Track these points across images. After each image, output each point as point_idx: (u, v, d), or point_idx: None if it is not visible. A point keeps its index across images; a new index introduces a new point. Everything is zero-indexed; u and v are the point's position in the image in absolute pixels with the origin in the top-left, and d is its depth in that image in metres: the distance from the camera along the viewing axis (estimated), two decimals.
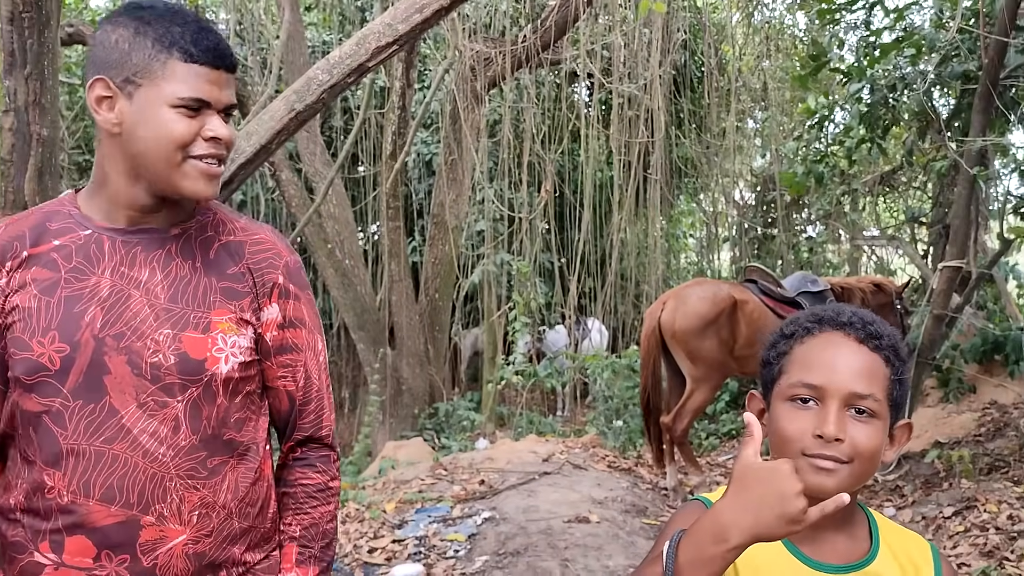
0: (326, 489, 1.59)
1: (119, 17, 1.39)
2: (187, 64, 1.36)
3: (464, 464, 5.87)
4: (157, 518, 1.38)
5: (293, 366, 1.54)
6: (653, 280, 10.08)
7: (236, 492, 1.46)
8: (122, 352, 1.38)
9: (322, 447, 1.60)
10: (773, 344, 1.28)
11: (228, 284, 1.46)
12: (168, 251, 1.44)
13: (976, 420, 6.13)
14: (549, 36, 8.00)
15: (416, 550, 4.40)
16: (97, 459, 1.36)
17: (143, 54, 1.35)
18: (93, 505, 1.36)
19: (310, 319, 1.56)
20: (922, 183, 9.32)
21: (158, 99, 1.35)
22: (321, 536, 1.57)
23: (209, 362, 1.41)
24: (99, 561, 1.37)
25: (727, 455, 6.97)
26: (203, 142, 1.38)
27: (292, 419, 1.56)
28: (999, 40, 4.95)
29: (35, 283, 1.39)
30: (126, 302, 1.40)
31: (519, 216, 9.25)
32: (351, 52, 2.84)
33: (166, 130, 1.36)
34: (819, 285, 5.94)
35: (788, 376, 1.22)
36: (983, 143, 5.22)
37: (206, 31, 1.38)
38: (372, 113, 9.44)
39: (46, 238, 1.42)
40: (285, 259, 1.53)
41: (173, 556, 1.40)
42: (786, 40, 11.15)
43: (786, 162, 9.67)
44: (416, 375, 8.68)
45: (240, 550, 1.48)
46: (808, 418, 1.17)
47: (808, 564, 1.22)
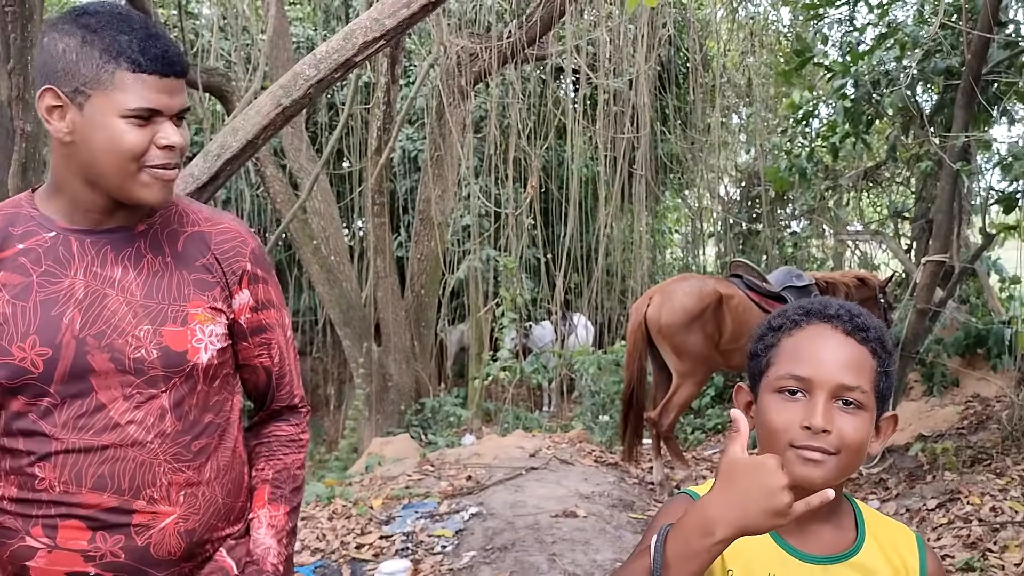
0: (297, 439, 1.69)
1: (65, 25, 1.36)
2: (136, 74, 1.34)
3: (451, 460, 5.87)
4: (148, 501, 1.43)
5: (268, 344, 1.62)
6: (639, 275, 10.10)
7: (218, 470, 1.53)
8: (104, 350, 1.40)
9: (297, 406, 1.71)
10: (761, 336, 1.29)
11: (199, 276, 1.50)
12: (137, 248, 1.46)
13: (959, 413, 6.19)
14: (534, 32, 8.00)
15: (403, 546, 4.40)
16: (87, 452, 1.40)
17: (91, 64, 1.33)
18: (86, 494, 1.39)
19: (277, 298, 1.64)
20: (905, 178, 9.38)
21: (108, 110, 1.34)
22: (291, 479, 1.66)
23: (190, 353, 1.46)
24: (94, 543, 1.40)
25: (713, 449, 7.00)
26: (157, 150, 1.38)
27: (270, 391, 1.66)
28: (981, 36, 4.99)
29: (6, 288, 1.39)
30: (103, 301, 1.42)
31: (505, 212, 9.25)
32: (338, 47, 2.83)
33: (118, 141, 1.35)
34: (804, 280, 5.98)
35: (776, 368, 1.23)
36: (966, 138, 5.26)
37: (154, 38, 1.36)
38: (357, 109, 9.41)
39: (10, 242, 1.42)
40: (251, 246, 1.58)
41: (166, 534, 1.44)
42: (770, 36, 11.19)
43: (771, 158, 9.72)
44: (402, 371, 8.67)
45: (223, 525, 1.55)
46: (796, 410, 1.18)
47: (795, 555, 1.24)
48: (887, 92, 5.77)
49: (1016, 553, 3.85)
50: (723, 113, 11.04)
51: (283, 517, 1.63)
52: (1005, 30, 5.59)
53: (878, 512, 1.34)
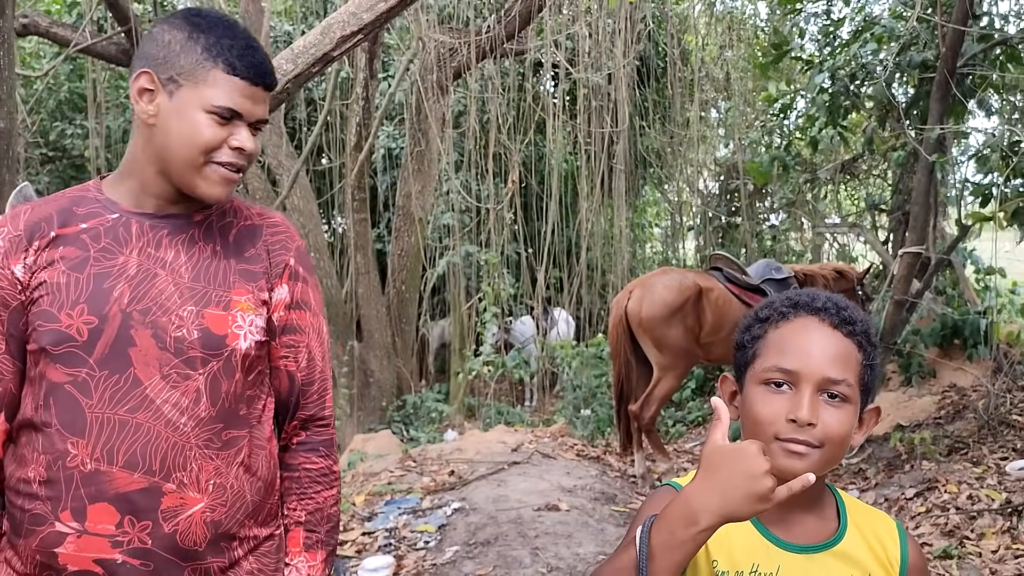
0: (329, 473, 1.64)
1: (177, 20, 1.48)
2: (229, 75, 1.44)
3: (433, 455, 5.86)
4: (178, 485, 1.44)
5: (296, 347, 1.60)
6: (619, 270, 10.13)
7: (248, 465, 1.53)
8: (148, 326, 1.45)
9: (325, 428, 1.65)
10: (747, 327, 1.29)
11: (246, 266, 1.54)
12: (191, 235, 1.52)
13: (936, 403, 6.25)
14: (513, 26, 7.99)
15: (386, 542, 4.39)
16: (121, 428, 1.42)
17: (191, 58, 1.44)
18: (116, 472, 1.41)
19: (315, 303, 1.63)
20: (882, 171, 9.46)
21: (195, 102, 1.44)
22: (326, 520, 1.63)
23: (229, 338, 1.49)
24: (122, 527, 1.42)
25: (694, 442, 7.03)
26: (228, 150, 1.47)
27: (294, 399, 1.62)
28: (956, 29, 5.04)
29: (64, 260, 1.46)
30: (152, 280, 1.47)
31: (485, 207, 9.24)
32: (316, 41, 2.81)
33: (196, 132, 1.44)
34: (783, 272, 6.01)
35: (763, 360, 1.23)
36: (941, 131, 5.31)
37: (254, 49, 1.47)
38: (336, 104, 9.36)
39: (74, 221, 1.49)
40: (297, 243, 1.62)
41: (192, 523, 1.45)
42: (748, 30, 11.24)
43: (749, 151, 9.77)
44: (384, 367, 8.65)
45: (251, 523, 1.54)
46: (782, 402, 1.19)
47: (779, 544, 1.25)
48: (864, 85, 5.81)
49: (993, 540, 3.90)
50: (702, 107, 11.08)
51: (320, 566, 1.61)
52: (979, 23, 5.65)
53: (859, 501, 1.35)
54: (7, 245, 1.47)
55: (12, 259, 1.46)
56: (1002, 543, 3.86)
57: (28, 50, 10.20)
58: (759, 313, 1.29)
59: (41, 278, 1.45)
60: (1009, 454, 4.90)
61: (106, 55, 6.49)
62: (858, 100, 5.98)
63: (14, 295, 1.46)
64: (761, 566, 1.23)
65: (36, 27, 6.65)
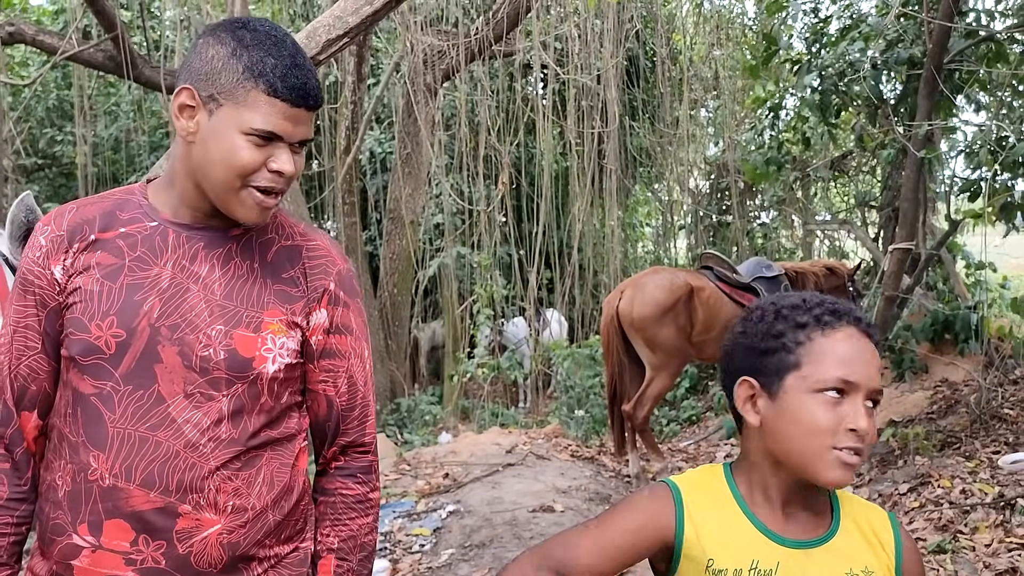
0: (365, 501, 1.59)
1: (222, 33, 1.41)
2: (269, 97, 1.37)
3: (427, 458, 5.86)
4: (194, 507, 1.41)
5: (335, 371, 1.55)
6: (611, 270, 10.14)
7: (272, 486, 1.49)
8: (175, 343, 1.42)
9: (364, 455, 1.61)
10: (779, 333, 1.28)
11: (282, 287, 1.49)
12: (228, 250, 1.48)
13: (928, 398, 6.27)
14: (501, 28, 7.99)
15: (381, 546, 4.38)
16: (141, 444, 1.40)
17: (232, 76, 1.37)
18: (133, 489, 1.40)
19: (357, 327, 1.58)
20: (872, 167, 9.49)
21: (234, 123, 1.38)
22: (359, 549, 1.58)
23: (257, 361, 1.45)
24: (136, 545, 1.40)
25: (688, 440, 7.04)
26: (267, 173, 1.41)
27: (334, 424, 1.57)
28: (942, 25, 5.06)
29: (99, 267, 1.44)
30: (184, 295, 1.44)
31: (476, 209, 9.24)
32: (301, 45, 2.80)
33: (233, 155, 1.39)
34: (773, 270, 6.02)
35: (815, 368, 1.23)
36: (929, 127, 5.33)
37: (298, 68, 1.39)
38: (325, 108, 9.35)
39: (115, 225, 1.47)
40: (338, 267, 1.56)
41: (208, 544, 1.43)
42: (736, 29, 11.27)
43: (740, 150, 9.79)
44: (377, 371, 8.64)
45: (272, 542, 1.51)
46: (839, 411, 1.21)
47: (777, 540, 1.27)
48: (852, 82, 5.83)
49: (986, 534, 3.91)
50: (691, 106, 11.10)
51: None
52: (965, 19, 5.67)
53: (851, 495, 1.38)
54: (48, 245, 1.46)
55: (53, 259, 1.45)
56: (995, 537, 3.87)
57: (16, 59, 10.16)
58: (795, 318, 1.28)
59: (77, 283, 1.43)
60: (1001, 448, 4.92)
61: (93, 62, 6.47)
62: (847, 98, 5.99)
63: (52, 296, 1.45)
64: (761, 563, 1.25)
65: (22, 35, 6.62)
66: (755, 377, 1.28)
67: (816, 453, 1.21)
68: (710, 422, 7.54)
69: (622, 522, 1.32)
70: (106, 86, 10.54)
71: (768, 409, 1.26)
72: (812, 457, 1.22)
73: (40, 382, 1.48)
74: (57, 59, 6.20)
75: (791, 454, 1.24)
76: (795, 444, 1.23)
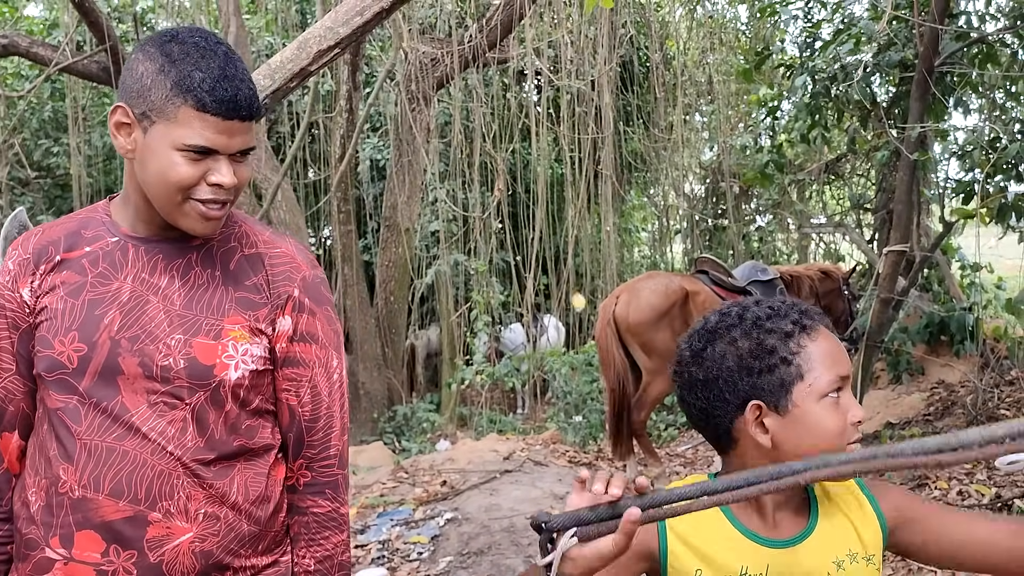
0: (337, 517, 1.57)
1: (150, 48, 1.40)
2: (199, 112, 1.36)
3: (425, 466, 5.86)
4: (164, 514, 1.42)
5: (298, 380, 1.53)
6: (607, 275, 10.15)
7: (246, 494, 1.48)
8: (135, 354, 1.43)
9: (328, 469, 1.57)
10: (772, 348, 1.25)
11: (244, 294, 1.49)
12: (188, 260, 1.49)
13: (925, 400, 6.28)
14: (495, 35, 8.01)
15: (379, 554, 4.38)
16: (108, 455, 1.41)
17: (161, 93, 1.36)
18: (102, 500, 1.41)
19: (324, 335, 1.55)
20: (865, 170, 9.51)
21: (167, 140, 1.37)
22: (338, 568, 1.58)
23: (218, 368, 1.45)
24: (107, 556, 1.41)
25: (686, 445, 7.04)
26: (206, 186, 1.40)
27: (296, 435, 1.55)
28: (933, 28, 5.07)
29: (63, 286, 1.46)
30: (144, 307, 1.45)
31: (472, 216, 9.25)
32: (292, 56, 2.81)
33: (170, 172, 1.38)
34: (768, 274, 6.03)
35: (817, 374, 1.24)
36: (922, 129, 5.34)
37: (227, 79, 1.37)
38: (319, 117, 9.36)
39: (80, 244, 1.49)
40: (303, 273, 1.54)
41: (180, 553, 1.43)
42: (729, 33, 11.30)
43: (735, 154, 9.81)
44: (374, 379, 8.64)
45: (248, 552, 1.50)
46: (841, 409, 1.24)
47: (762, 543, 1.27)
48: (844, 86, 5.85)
49: None
50: (685, 111, 11.13)
51: None
52: (956, 22, 5.69)
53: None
54: (16, 268, 1.48)
55: (21, 282, 1.47)
56: None
57: (9, 70, 10.16)
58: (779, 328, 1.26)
59: (44, 303, 1.45)
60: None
61: (87, 74, 6.48)
62: (840, 101, 6.01)
63: (23, 317, 1.48)
64: (750, 568, 1.25)
65: (16, 47, 6.63)
66: (759, 398, 1.25)
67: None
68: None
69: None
70: (100, 97, 10.54)
71: (778, 426, 1.24)
72: None
73: (17, 403, 1.49)
74: (51, 71, 6.20)
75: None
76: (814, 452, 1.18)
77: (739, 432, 1.27)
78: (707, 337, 1.30)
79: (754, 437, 1.25)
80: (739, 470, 1.27)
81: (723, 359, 1.27)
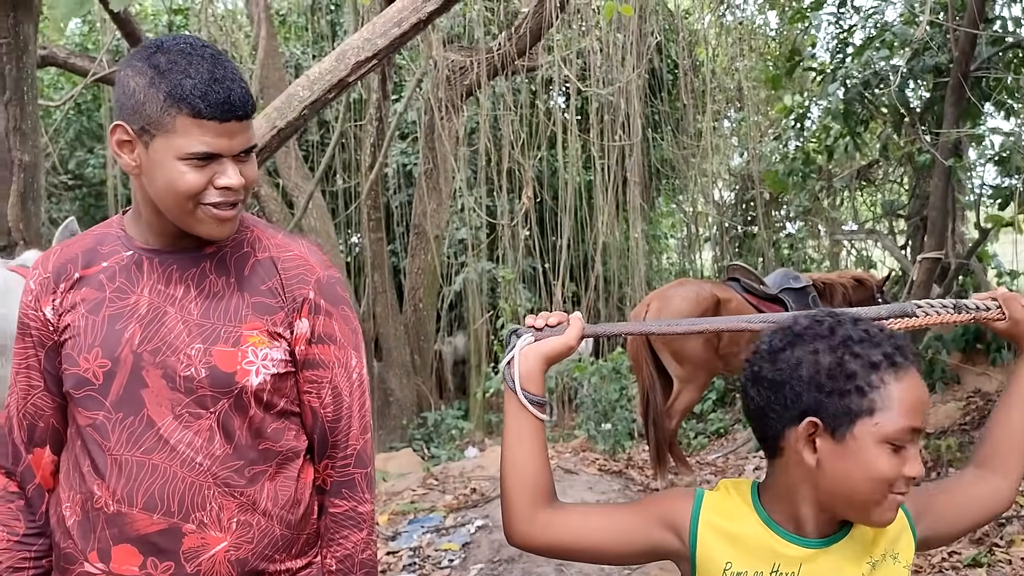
0: (355, 516, 1.56)
1: (138, 62, 1.40)
2: (196, 119, 1.36)
3: (455, 473, 5.86)
4: (198, 525, 1.43)
5: (319, 382, 1.53)
6: (635, 282, 10.12)
7: (276, 499, 1.49)
8: (158, 366, 1.44)
9: (347, 467, 1.57)
10: (852, 373, 1.20)
11: (260, 299, 1.49)
12: (202, 269, 1.49)
13: (961, 409, 6.19)
14: (524, 43, 8.03)
15: (410, 561, 4.39)
16: (139, 469, 1.42)
17: (155, 107, 1.36)
18: (137, 513, 1.42)
19: (342, 335, 1.55)
20: (899, 176, 9.41)
21: (169, 151, 1.37)
22: (359, 566, 1.56)
23: (239, 375, 1.45)
24: (145, 568, 1.42)
25: (716, 453, 7.00)
26: (214, 190, 1.40)
27: (320, 436, 1.55)
28: (968, 32, 5.03)
29: (84, 303, 1.47)
30: (162, 319, 1.45)
31: (500, 223, 9.27)
32: (331, 68, 2.84)
33: (177, 182, 1.38)
34: (801, 281, 5.98)
35: (889, 416, 1.18)
36: (958, 134, 5.29)
37: (218, 82, 1.37)
38: (349, 126, 9.44)
39: (97, 260, 1.50)
40: (317, 274, 1.53)
41: (216, 563, 1.44)
42: (759, 40, 11.25)
43: (764, 161, 9.75)
44: (403, 386, 8.67)
45: (282, 557, 1.51)
46: (900, 458, 1.19)
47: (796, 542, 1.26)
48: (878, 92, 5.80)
49: (1022, 547, 3.86)
50: (714, 117, 11.08)
51: None
52: (992, 26, 5.64)
53: None
54: (38, 288, 1.50)
55: (43, 301, 1.49)
56: None
57: (46, 81, 10.35)
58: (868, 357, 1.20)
59: (66, 320, 1.47)
60: None
61: None
62: (873, 107, 5.97)
63: (48, 335, 1.49)
64: (782, 565, 1.25)
65: (54, 58, 6.76)
66: (817, 416, 1.20)
67: (875, 499, 1.20)
68: (738, 435, 7.49)
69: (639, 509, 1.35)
70: None
71: (829, 451, 1.20)
72: (869, 503, 1.20)
73: (47, 419, 1.51)
74: (88, 81, 6.31)
75: (848, 497, 1.21)
76: (854, 489, 1.20)
77: (787, 442, 1.24)
78: (790, 339, 1.25)
79: (800, 452, 1.21)
80: (781, 482, 1.28)
81: (798, 366, 1.22)
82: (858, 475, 1.18)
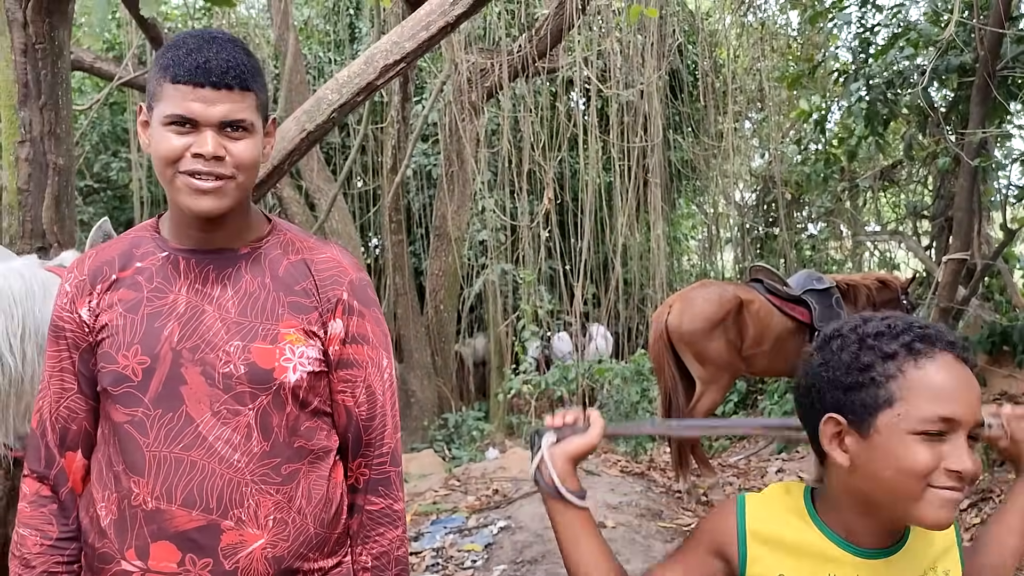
0: (390, 513, 1.59)
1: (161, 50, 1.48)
2: (173, 84, 1.40)
3: (476, 474, 5.88)
4: (236, 522, 1.45)
5: (353, 382, 1.56)
6: (656, 284, 10.09)
7: (310, 498, 1.51)
8: (197, 364, 1.46)
9: (383, 466, 1.59)
10: (866, 365, 1.17)
11: (296, 299, 1.51)
12: (238, 269, 1.52)
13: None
14: (544, 45, 8.04)
15: (433, 562, 4.40)
16: (177, 465, 1.44)
17: (154, 81, 1.44)
18: (176, 510, 1.44)
19: (375, 336, 1.58)
20: (923, 177, 9.34)
21: (157, 119, 1.43)
22: (394, 563, 1.59)
23: (277, 371, 1.47)
24: (183, 565, 1.44)
25: (738, 455, 6.97)
26: (189, 157, 1.41)
27: (355, 435, 1.58)
28: (995, 32, 4.98)
29: (121, 303, 1.50)
30: (200, 317, 1.48)
31: (521, 225, 9.28)
32: (359, 71, 2.87)
33: (158, 145, 1.43)
34: (824, 283, 5.94)
35: (911, 406, 1.13)
36: (983, 134, 5.25)
37: (201, 51, 1.40)
38: (371, 128, 9.48)
39: (132, 262, 1.53)
40: (350, 276, 1.56)
41: (253, 560, 1.46)
42: (780, 40, 11.19)
43: (785, 161, 9.70)
44: (424, 387, 8.70)
45: (316, 555, 1.53)
46: (938, 451, 1.12)
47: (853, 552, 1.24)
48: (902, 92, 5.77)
49: None
50: (735, 118, 11.04)
51: None
52: (1018, 25, 5.59)
53: None
54: (74, 290, 1.53)
55: (79, 303, 1.52)
56: None
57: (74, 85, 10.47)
58: (882, 347, 1.17)
59: (103, 320, 1.49)
60: None
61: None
62: (896, 107, 5.93)
63: (83, 337, 1.52)
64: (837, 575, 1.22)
65: (81, 63, 6.84)
66: (842, 414, 1.18)
67: (912, 495, 1.13)
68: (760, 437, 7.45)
69: (690, 547, 1.32)
70: None
71: (858, 448, 1.17)
72: (907, 499, 1.14)
73: (80, 421, 1.53)
74: (114, 85, 6.39)
75: (886, 495, 1.16)
76: (890, 485, 1.15)
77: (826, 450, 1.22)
78: (822, 342, 1.24)
79: (831, 453, 1.19)
80: (830, 488, 1.26)
81: (823, 367, 1.21)
82: (888, 470, 1.13)
